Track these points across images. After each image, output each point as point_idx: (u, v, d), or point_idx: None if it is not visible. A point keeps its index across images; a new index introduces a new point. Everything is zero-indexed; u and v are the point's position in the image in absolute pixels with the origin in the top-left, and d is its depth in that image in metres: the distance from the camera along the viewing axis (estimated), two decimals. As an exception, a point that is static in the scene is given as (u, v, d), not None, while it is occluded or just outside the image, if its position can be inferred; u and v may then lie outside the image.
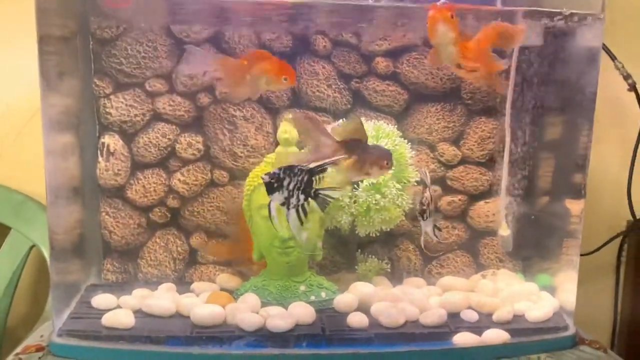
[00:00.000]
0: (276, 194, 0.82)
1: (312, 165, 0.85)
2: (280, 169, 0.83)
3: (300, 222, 0.83)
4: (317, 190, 0.84)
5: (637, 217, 1.28)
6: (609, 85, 1.25)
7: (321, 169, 0.84)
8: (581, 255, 1.25)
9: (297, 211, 0.83)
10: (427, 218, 0.90)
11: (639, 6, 1.26)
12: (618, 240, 1.33)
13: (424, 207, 0.90)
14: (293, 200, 0.83)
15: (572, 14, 0.92)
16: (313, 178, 0.83)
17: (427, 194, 0.91)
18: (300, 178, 0.82)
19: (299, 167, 0.84)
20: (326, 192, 0.84)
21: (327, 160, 0.86)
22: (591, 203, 1.30)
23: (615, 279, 1.35)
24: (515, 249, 1.11)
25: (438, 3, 0.83)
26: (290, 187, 0.82)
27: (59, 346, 0.88)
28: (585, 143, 0.96)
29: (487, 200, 1.13)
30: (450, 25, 0.83)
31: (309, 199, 0.83)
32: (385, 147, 1.01)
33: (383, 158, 0.85)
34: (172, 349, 0.86)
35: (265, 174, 0.82)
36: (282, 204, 0.83)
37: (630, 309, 1.34)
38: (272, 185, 0.83)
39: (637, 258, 1.32)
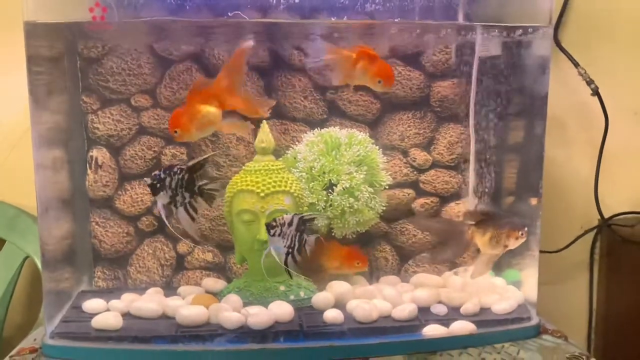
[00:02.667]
0: (161, 194, 0.86)
1: (190, 163, 0.88)
2: (161, 169, 0.87)
3: (191, 219, 0.88)
4: (200, 186, 0.88)
5: (605, 217, 1.34)
6: (575, 91, 1.32)
7: (200, 165, 0.88)
8: (551, 252, 1.32)
9: (186, 209, 0.87)
10: (275, 235, 0.90)
11: (599, 14, 1.33)
12: (590, 239, 1.39)
13: (274, 224, 0.90)
14: (179, 199, 0.87)
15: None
16: (194, 175, 0.87)
17: (287, 216, 0.91)
18: (181, 176, 0.86)
19: (178, 165, 0.87)
20: (210, 186, 0.88)
21: (202, 157, 0.90)
22: (563, 203, 1.36)
23: (589, 276, 1.40)
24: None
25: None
26: (173, 185, 0.86)
27: (51, 347, 0.93)
28: (539, 145, 1.01)
29: (458, 202, 1.19)
30: None
31: (195, 195, 0.87)
32: (358, 153, 1.08)
33: (517, 229, 0.91)
34: (157, 347, 0.91)
35: (148, 177, 0.86)
36: (169, 204, 0.87)
37: (604, 305, 1.39)
38: (155, 186, 0.87)
39: (609, 255, 1.37)
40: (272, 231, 0.90)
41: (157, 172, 0.87)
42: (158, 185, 0.87)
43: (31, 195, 0.98)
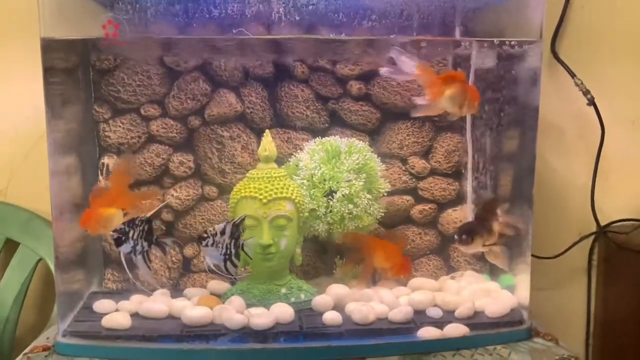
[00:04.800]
0: (124, 246, 0.93)
1: (149, 214, 0.95)
2: (124, 223, 0.93)
3: (148, 268, 0.94)
4: (157, 237, 0.95)
5: (602, 224, 1.37)
6: (572, 101, 1.35)
7: (155, 216, 0.95)
8: (547, 258, 1.35)
9: (144, 257, 0.94)
10: (207, 245, 0.94)
11: (596, 26, 1.35)
12: (588, 245, 1.41)
13: (205, 236, 0.94)
14: (138, 248, 0.93)
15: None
16: (152, 226, 0.94)
17: (218, 226, 0.95)
18: (141, 228, 0.93)
19: (139, 218, 0.93)
20: (164, 240, 0.96)
21: (157, 208, 0.97)
22: (561, 210, 1.39)
23: (587, 282, 1.42)
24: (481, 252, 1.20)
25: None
26: (135, 237, 0.93)
27: (63, 345, 0.97)
28: (531, 153, 1.05)
29: (455, 208, 1.22)
30: None
31: (151, 245, 0.94)
32: (357, 161, 1.12)
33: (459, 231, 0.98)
34: (164, 346, 0.95)
35: (114, 231, 0.92)
36: (130, 253, 0.93)
37: (602, 310, 1.40)
38: (121, 239, 0.93)
39: (607, 262, 1.39)
40: (203, 242, 0.94)
41: (121, 226, 0.95)
42: (123, 238, 0.94)
43: (44, 200, 1.03)
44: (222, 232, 0.95)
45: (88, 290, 1.15)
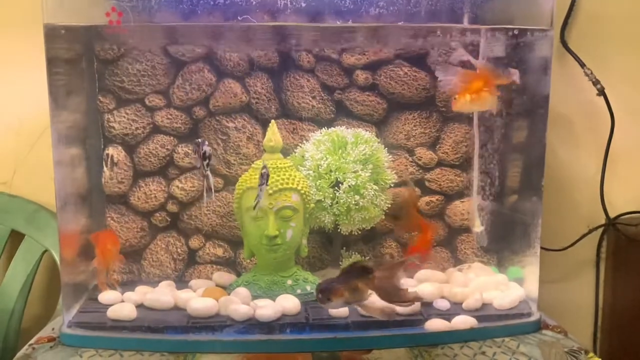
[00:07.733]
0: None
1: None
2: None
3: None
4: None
5: (611, 216, 1.35)
6: (582, 91, 1.33)
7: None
8: (556, 250, 1.34)
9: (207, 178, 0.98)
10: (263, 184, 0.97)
11: (606, 16, 1.33)
12: (597, 238, 1.40)
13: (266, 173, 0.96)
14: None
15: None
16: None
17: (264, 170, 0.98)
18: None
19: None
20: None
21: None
22: (570, 202, 1.38)
23: (596, 275, 1.41)
24: (489, 244, 1.19)
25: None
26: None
27: (69, 336, 0.97)
28: (541, 145, 1.03)
29: (462, 200, 1.21)
30: None
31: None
32: (363, 151, 1.10)
33: None
34: (169, 337, 0.95)
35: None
36: (205, 166, 0.97)
37: (610, 303, 1.40)
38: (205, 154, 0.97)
39: (615, 254, 1.38)
40: (263, 181, 0.98)
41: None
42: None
43: (50, 191, 1.02)
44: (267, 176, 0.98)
45: (93, 282, 1.15)
